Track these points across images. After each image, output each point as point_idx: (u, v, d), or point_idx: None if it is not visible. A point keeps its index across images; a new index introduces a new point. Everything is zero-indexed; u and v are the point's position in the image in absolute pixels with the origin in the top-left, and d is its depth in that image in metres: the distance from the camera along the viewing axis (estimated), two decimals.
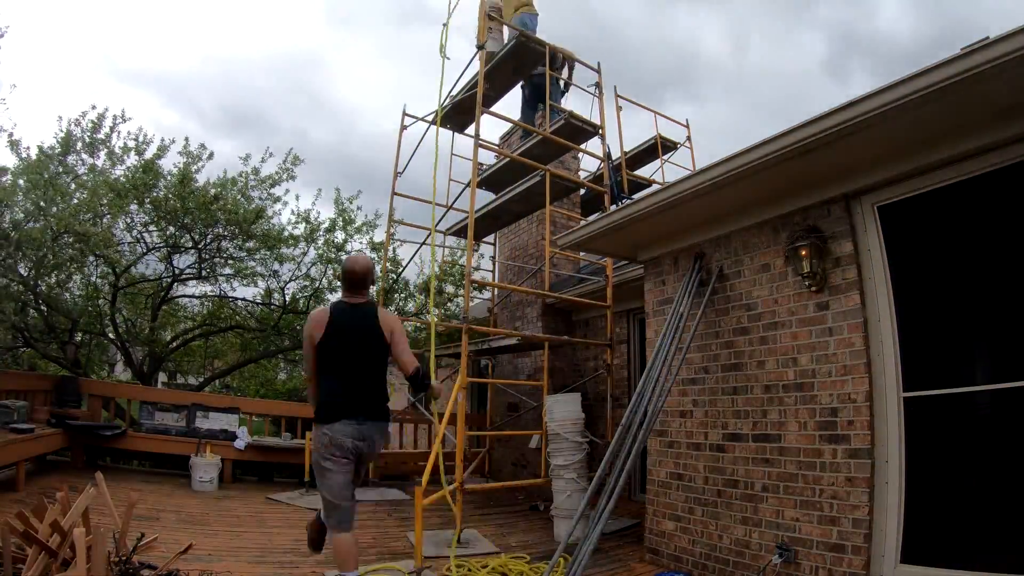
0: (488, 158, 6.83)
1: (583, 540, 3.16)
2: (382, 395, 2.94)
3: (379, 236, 9.65)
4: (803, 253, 3.16)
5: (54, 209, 6.79)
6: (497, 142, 8.42)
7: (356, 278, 2.95)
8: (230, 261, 9.04)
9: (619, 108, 7.38)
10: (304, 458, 6.01)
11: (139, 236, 8.49)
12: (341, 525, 2.82)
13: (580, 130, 6.21)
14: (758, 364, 3.45)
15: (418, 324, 9.77)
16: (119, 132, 8.05)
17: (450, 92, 6.66)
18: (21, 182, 7.08)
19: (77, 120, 7.76)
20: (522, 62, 6.10)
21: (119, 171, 8.00)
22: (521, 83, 6.71)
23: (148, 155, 8.08)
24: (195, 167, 8.15)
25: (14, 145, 7.50)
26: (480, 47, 5.50)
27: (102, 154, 7.99)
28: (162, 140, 8.26)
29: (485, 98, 5.52)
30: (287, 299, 9.63)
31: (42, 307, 7.83)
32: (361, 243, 9.83)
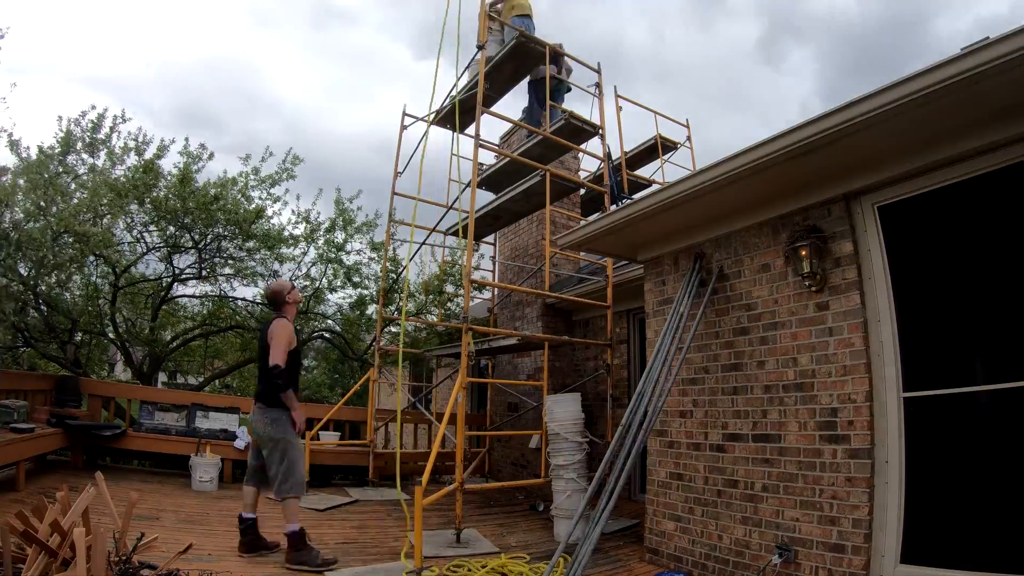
0: (488, 158, 6.83)
1: (583, 540, 3.16)
2: (266, 387, 3.69)
3: (379, 236, 9.66)
4: (803, 253, 3.16)
5: (54, 209, 6.79)
6: (497, 142, 8.43)
7: (267, 299, 4.12)
8: (230, 261, 9.03)
9: (619, 108, 7.38)
10: (304, 458, 6.02)
11: (139, 236, 8.49)
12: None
13: (580, 130, 6.21)
14: (758, 364, 3.45)
15: (418, 324, 9.77)
16: (119, 132, 8.05)
17: (450, 92, 6.67)
18: (21, 182, 7.07)
19: (77, 120, 7.77)
20: (522, 62, 6.10)
21: (119, 171, 8.00)
22: (528, 81, 6.69)
23: (148, 155, 8.08)
24: (195, 167, 8.15)
25: (14, 145, 7.50)
26: (480, 47, 5.50)
27: (102, 154, 7.98)
28: (162, 140, 8.27)
29: (485, 98, 5.53)
30: None
31: (42, 307, 7.83)
32: (361, 243, 9.84)
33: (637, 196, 5.02)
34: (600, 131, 6.30)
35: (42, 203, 6.75)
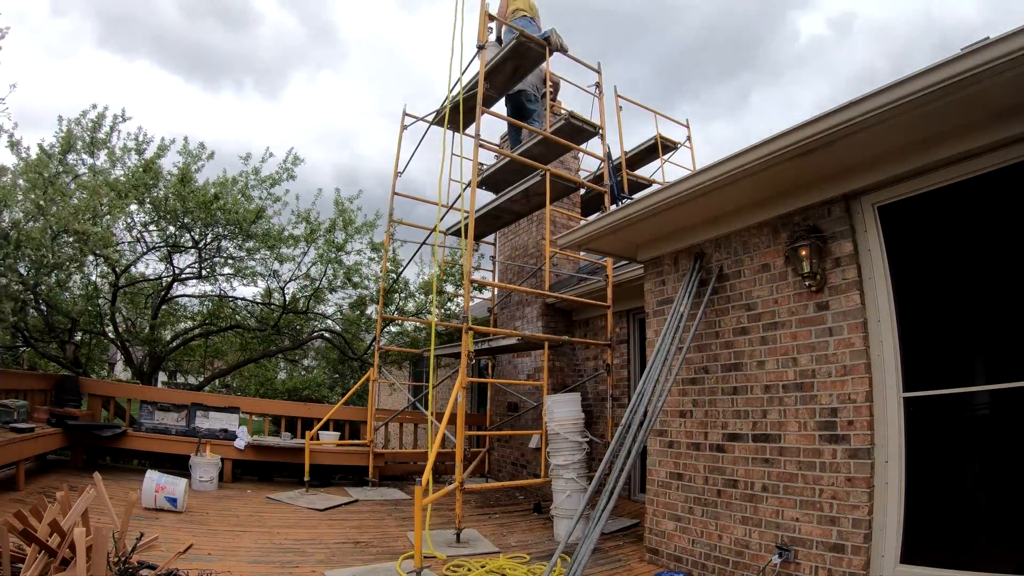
0: (488, 158, 6.83)
1: (583, 540, 3.16)
2: None
3: (378, 236, 9.66)
4: (803, 253, 3.16)
5: (54, 209, 6.78)
6: (497, 142, 8.43)
7: None
8: (230, 261, 9.04)
9: (619, 108, 7.39)
10: (304, 458, 6.02)
11: (139, 236, 8.49)
12: None
13: (580, 130, 6.21)
14: (758, 364, 3.45)
15: (418, 324, 9.77)
16: (119, 132, 8.05)
17: (450, 92, 6.67)
18: (21, 182, 7.07)
19: (77, 120, 7.76)
20: (522, 62, 6.10)
21: (119, 171, 7.99)
22: (504, 99, 6.74)
23: (148, 155, 8.08)
24: (195, 167, 8.15)
25: (14, 145, 7.49)
26: (480, 47, 5.50)
27: (102, 154, 7.99)
28: (162, 139, 8.26)
29: (485, 98, 5.53)
30: (287, 299, 9.63)
31: (42, 307, 7.82)
32: (361, 243, 9.84)
33: (637, 196, 5.01)
34: (600, 131, 6.30)
35: (42, 203, 6.74)
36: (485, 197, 6.98)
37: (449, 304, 10.25)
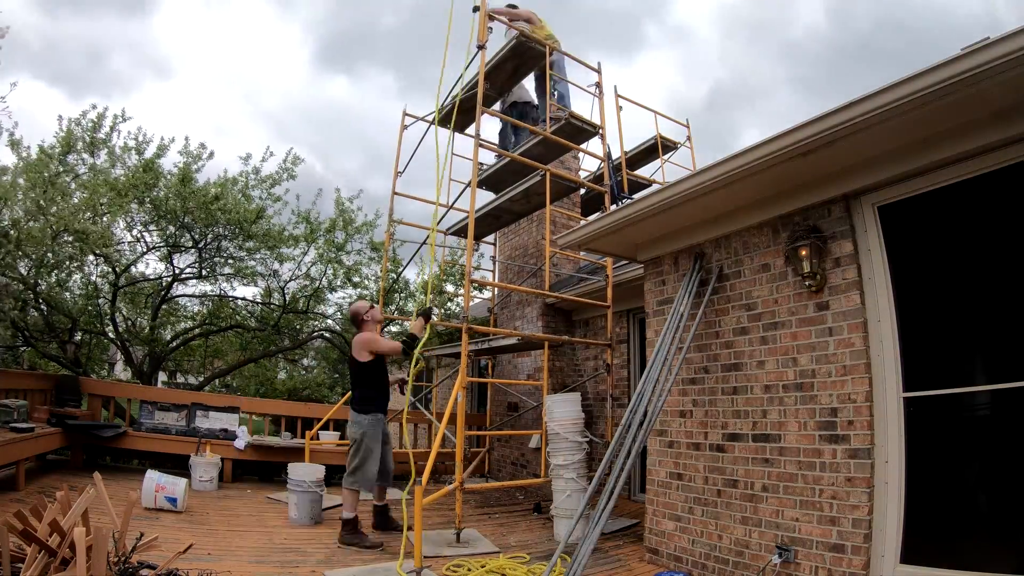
0: (489, 158, 6.83)
1: (583, 540, 3.16)
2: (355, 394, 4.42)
3: (379, 236, 9.66)
4: (803, 253, 3.16)
5: (54, 208, 6.79)
6: (498, 142, 8.42)
7: (350, 319, 4.65)
8: (230, 261, 9.04)
9: (619, 108, 7.38)
10: (304, 458, 6.02)
11: (139, 235, 8.50)
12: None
13: (580, 130, 6.21)
14: (758, 364, 3.45)
15: None
16: (119, 131, 8.06)
17: (450, 92, 6.67)
18: (21, 181, 7.08)
19: (78, 120, 7.77)
20: (522, 62, 6.10)
21: (119, 170, 8.00)
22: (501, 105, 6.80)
23: (148, 154, 8.09)
24: (195, 167, 8.16)
25: (15, 144, 7.50)
26: (480, 47, 5.50)
27: (102, 153, 8.00)
28: (162, 139, 8.27)
29: (485, 98, 5.52)
30: (287, 299, 9.63)
31: (42, 306, 7.83)
32: (361, 243, 9.84)
33: (637, 196, 5.02)
34: (600, 131, 6.30)
35: (42, 202, 6.75)
36: (485, 197, 6.98)
37: (449, 304, 10.25)
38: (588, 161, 7.82)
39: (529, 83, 6.85)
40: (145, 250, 8.58)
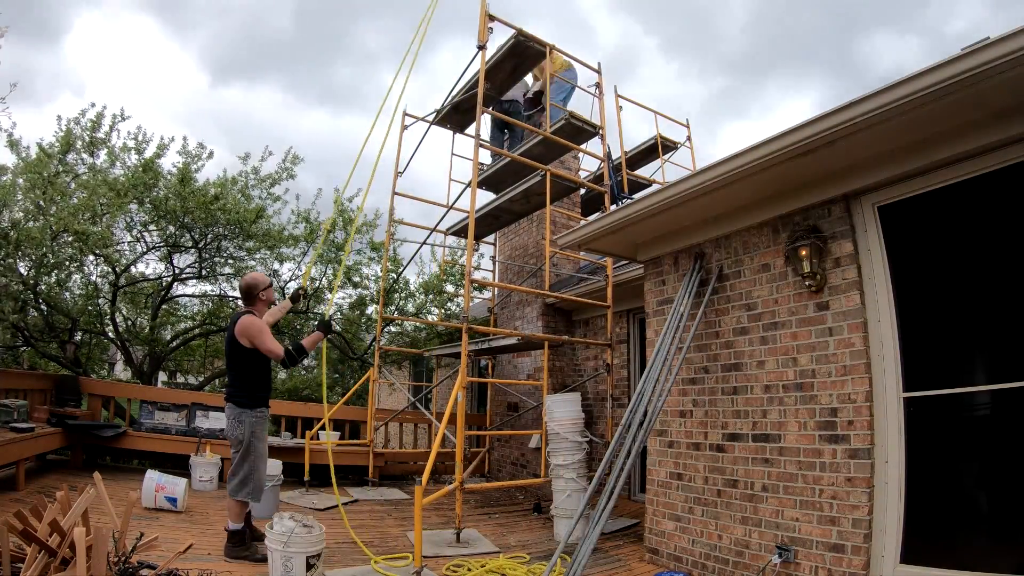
0: (484, 157, 6.83)
1: (583, 540, 3.16)
2: (234, 386, 3.72)
3: (379, 236, 9.66)
4: (803, 253, 3.16)
5: (53, 208, 6.78)
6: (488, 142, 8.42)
7: (241, 291, 3.87)
8: (230, 261, 9.04)
9: (619, 108, 7.38)
10: (304, 458, 6.02)
11: (139, 235, 8.49)
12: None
13: (580, 130, 6.21)
14: (758, 364, 3.45)
15: (418, 323, 9.76)
16: (119, 131, 8.05)
17: (451, 92, 6.67)
18: (20, 181, 7.07)
19: (77, 119, 7.76)
20: (521, 61, 6.11)
21: (118, 170, 7.99)
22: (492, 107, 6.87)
23: (148, 154, 8.07)
24: (195, 166, 8.15)
25: (14, 145, 7.49)
26: (480, 47, 5.49)
27: (102, 153, 7.98)
28: (161, 139, 8.26)
29: (485, 98, 5.53)
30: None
31: (42, 306, 7.83)
32: (362, 243, 9.83)
33: (637, 196, 5.02)
34: (600, 131, 6.30)
35: (41, 202, 6.75)
36: (485, 197, 6.98)
37: (449, 304, 10.24)
38: (588, 161, 7.83)
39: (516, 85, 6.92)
40: (145, 250, 8.57)
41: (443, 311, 9.86)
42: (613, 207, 5.22)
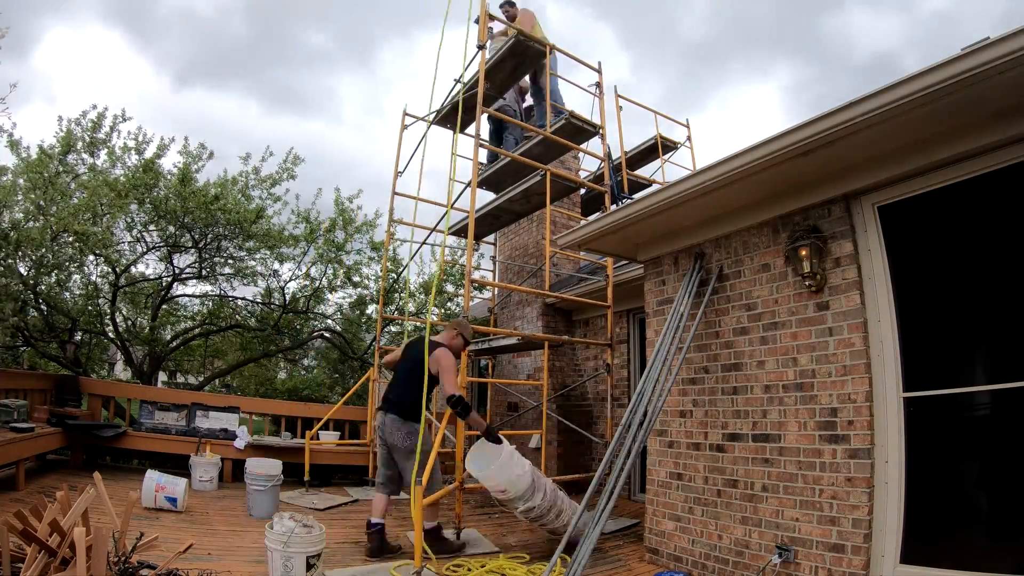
0: (480, 157, 6.83)
1: (583, 540, 3.15)
2: (407, 400, 3.98)
3: (379, 235, 9.66)
4: (803, 253, 3.16)
5: (54, 209, 6.79)
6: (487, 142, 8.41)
7: (462, 334, 4.33)
8: (230, 261, 9.04)
9: (619, 108, 7.39)
10: (304, 458, 6.02)
11: (139, 236, 8.49)
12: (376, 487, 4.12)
13: (580, 130, 6.21)
14: (758, 364, 3.45)
15: (418, 323, 9.76)
16: (119, 131, 8.05)
17: (450, 92, 6.67)
18: (21, 181, 7.08)
19: (77, 120, 7.76)
20: (521, 60, 6.10)
21: (119, 171, 8.00)
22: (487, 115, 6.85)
23: (148, 155, 8.08)
24: (195, 167, 8.16)
25: (14, 145, 7.50)
26: (480, 47, 5.50)
27: (102, 153, 7.99)
28: (162, 139, 8.26)
29: (485, 97, 5.53)
30: (287, 299, 9.63)
31: (42, 306, 7.83)
32: (362, 243, 9.84)
33: (637, 196, 5.02)
34: (600, 131, 6.30)
35: (42, 203, 6.75)
36: (485, 197, 6.98)
37: (449, 304, 10.25)
38: (588, 161, 7.83)
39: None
40: (145, 250, 8.58)
41: (443, 311, 9.86)
42: (613, 207, 5.22)
